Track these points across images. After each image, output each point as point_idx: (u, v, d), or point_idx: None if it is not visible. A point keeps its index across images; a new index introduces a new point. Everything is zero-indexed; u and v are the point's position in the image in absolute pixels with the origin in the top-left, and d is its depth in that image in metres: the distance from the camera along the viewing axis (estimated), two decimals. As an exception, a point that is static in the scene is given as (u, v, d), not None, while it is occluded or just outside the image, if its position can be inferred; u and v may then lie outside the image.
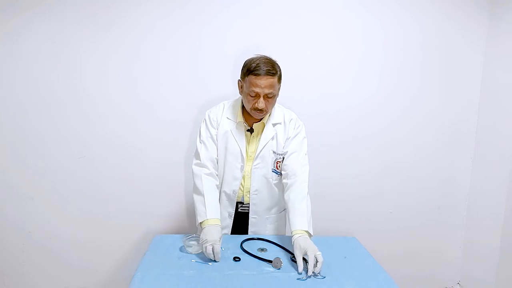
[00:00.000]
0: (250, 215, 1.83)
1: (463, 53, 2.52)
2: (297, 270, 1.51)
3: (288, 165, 1.79)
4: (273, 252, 1.68)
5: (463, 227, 2.69)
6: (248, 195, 1.82)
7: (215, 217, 1.69)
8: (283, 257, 1.61)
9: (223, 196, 1.83)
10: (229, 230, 1.86)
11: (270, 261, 1.57)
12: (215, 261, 1.57)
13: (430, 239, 2.68)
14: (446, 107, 2.56)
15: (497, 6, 2.44)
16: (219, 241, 1.60)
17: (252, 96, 1.67)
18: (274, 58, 1.77)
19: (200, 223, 1.69)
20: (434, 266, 2.72)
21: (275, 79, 1.67)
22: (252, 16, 2.34)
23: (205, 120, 1.83)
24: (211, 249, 1.55)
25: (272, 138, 1.80)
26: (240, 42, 2.29)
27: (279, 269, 1.53)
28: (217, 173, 1.83)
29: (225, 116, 1.82)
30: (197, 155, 1.81)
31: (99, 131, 2.36)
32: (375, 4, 2.40)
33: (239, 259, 1.61)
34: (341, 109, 2.47)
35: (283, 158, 1.82)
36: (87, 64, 2.30)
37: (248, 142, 1.81)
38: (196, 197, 1.75)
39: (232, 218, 1.85)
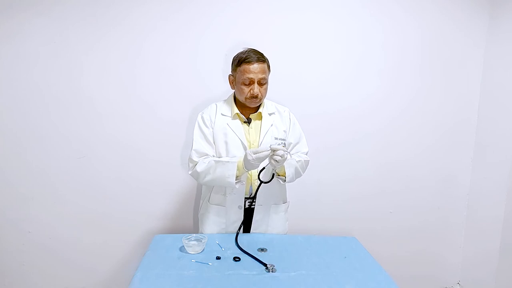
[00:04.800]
0: (256, 203, 1.85)
1: (463, 53, 2.52)
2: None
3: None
4: (273, 252, 1.68)
5: (463, 227, 2.70)
6: (256, 183, 1.84)
7: (239, 158, 1.74)
8: (283, 257, 1.61)
9: (231, 190, 1.83)
10: (239, 222, 1.86)
11: (265, 264, 1.56)
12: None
13: (430, 239, 2.69)
14: (446, 107, 2.56)
15: (497, 6, 2.45)
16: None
17: (246, 84, 1.78)
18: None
19: (237, 175, 1.72)
20: (434, 266, 2.72)
21: (265, 65, 1.80)
22: (252, 17, 2.34)
23: (197, 122, 1.88)
24: (260, 155, 1.63)
25: (271, 125, 1.88)
26: (240, 43, 2.28)
27: (274, 272, 1.52)
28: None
29: (219, 113, 1.88)
30: (190, 160, 1.84)
31: (99, 131, 2.36)
32: (375, 4, 2.41)
33: (239, 259, 1.61)
34: (341, 109, 2.48)
35: (284, 143, 1.88)
36: (88, 64, 2.30)
37: (247, 132, 1.86)
38: (215, 172, 1.75)
39: (242, 212, 1.85)
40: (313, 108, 2.44)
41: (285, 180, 1.82)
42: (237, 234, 1.80)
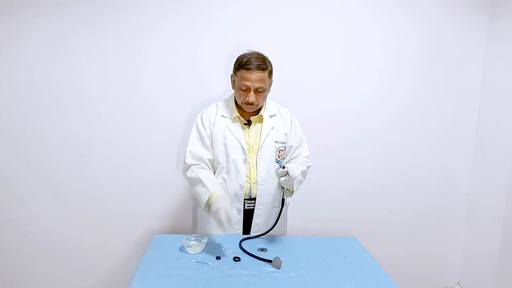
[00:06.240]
0: (256, 207, 1.85)
1: (463, 53, 2.52)
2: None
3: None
4: (273, 252, 1.68)
5: (463, 227, 2.69)
6: (255, 187, 1.84)
7: (219, 189, 1.71)
8: (283, 257, 1.61)
9: (231, 193, 1.83)
10: (240, 226, 1.86)
11: (270, 261, 1.57)
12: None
13: (430, 239, 2.69)
14: (446, 106, 2.56)
15: (497, 6, 2.44)
16: (230, 207, 1.63)
17: (243, 90, 1.75)
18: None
19: (206, 201, 1.69)
20: (434, 266, 2.72)
21: (266, 73, 1.74)
22: (252, 17, 2.34)
23: (196, 122, 1.87)
24: (223, 216, 1.58)
25: (272, 128, 1.86)
26: (240, 43, 2.28)
27: (279, 268, 1.53)
28: (210, 170, 1.86)
29: (219, 114, 1.86)
30: (184, 161, 1.84)
31: (99, 131, 2.36)
32: (375, 4, 2.41)
33: (239, 259, 1.61)
34: (341, 109, 2.48)
35: (285, 147, 1.88)
36: (88, 64, 2.30)
37: (247, 135, 1.84)
38: (195, 188, 1.76)
39: (242, 214, 1.85)
40: (313, 108, 2.44)
41: (291, 194, 1.83)
42: (242, 240, 1.78)
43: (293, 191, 1.81)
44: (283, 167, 1.66)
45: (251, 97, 1.74)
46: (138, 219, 2.45)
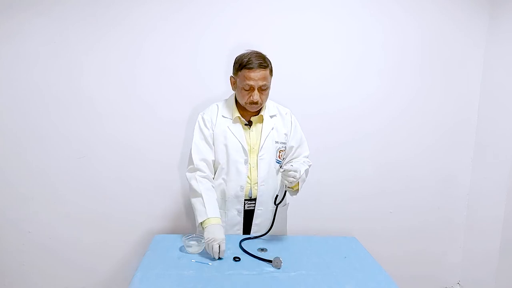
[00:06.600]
0: (256, 207, 1.85)
1: (463, 53, 2.52)
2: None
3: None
4: (273, 252, 1.68)
5: (463, 227, 2.69)
6: (256, 187, 1.84)
7: (216, 216, 1.72)
8: (283, 257, 1.61)
9: (231, 194, 1.83)
10: (240, 227, 1.87)
11: (270, 261, 1.57)
12: (219, 258, 1.61)
13: (430, 239, 2.68)
14: (446, 106, 2.56)
15: (497, 6, 2.44)
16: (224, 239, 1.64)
17: (246, 90, 1.74)
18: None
19: (201, 222, 1.71)
20: (434, 266, 2.72)
21: (267, 71, 1.76)
22: (252, 17, 2.34)
23: (198, 122, 1.87)
24: (217, 248, 1.59)
25: (272, 129, 1.86)
26: (240, 43, 2.28)
27: (279, 268, 1.53)
28: (213, 176, 1.85)
29: (220, 115, 1.86)
30: (190, 161, 1.84)
31: (99, 131, 2.36)
32: (375, 4, 2.41)
33: (239, 259, 1.61)
34: (341, 109, 2.48)
35: (285, 147, 1.88)
36: (88, 64, 2.30)
37: (248, 135, 1.85)
38: (194, 199, 1.77)
39: (242, 215, 1.85)
40: (313, 108, 2.44)
41: (296, 193, 1.84)
42: (242, 240, 1.79)
43: (298, 189, 1.82)
44: (291, 166, 1.68)
45: (256, 96, 1.74)
46: (138, 219, 2.45)
